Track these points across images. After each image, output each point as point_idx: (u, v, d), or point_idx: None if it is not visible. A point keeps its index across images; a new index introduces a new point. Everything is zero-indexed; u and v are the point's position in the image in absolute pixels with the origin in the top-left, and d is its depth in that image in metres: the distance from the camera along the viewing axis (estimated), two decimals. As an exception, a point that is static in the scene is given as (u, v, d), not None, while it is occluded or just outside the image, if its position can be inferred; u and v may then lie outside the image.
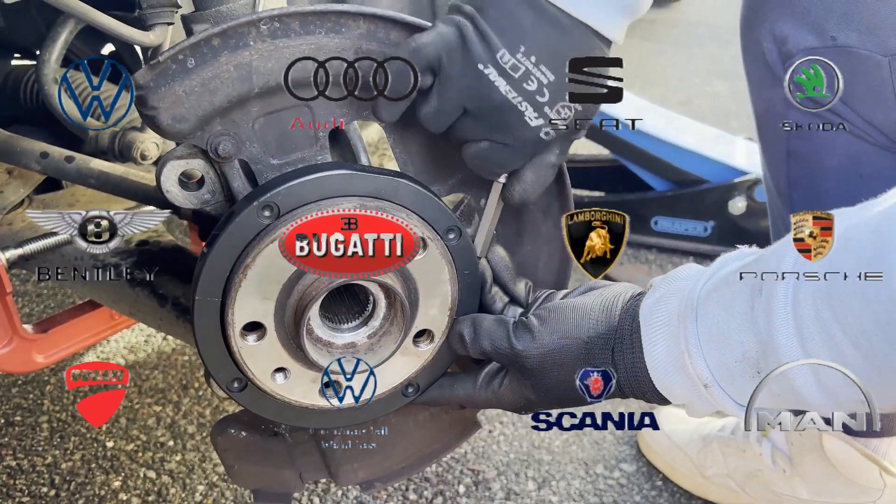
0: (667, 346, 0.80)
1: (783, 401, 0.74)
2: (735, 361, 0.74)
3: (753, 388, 0.74)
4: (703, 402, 0.80)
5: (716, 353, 0.76)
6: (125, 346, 2.03)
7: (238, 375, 0.90)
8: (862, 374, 0.67)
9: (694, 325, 0.77)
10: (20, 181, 1.28)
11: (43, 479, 1.61)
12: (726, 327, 0.75)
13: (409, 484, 1.62)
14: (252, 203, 0.82)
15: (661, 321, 0.81)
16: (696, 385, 0.78)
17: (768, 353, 0.71)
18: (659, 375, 0.82)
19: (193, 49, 0.80)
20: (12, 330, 1.20)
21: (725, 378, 0.76)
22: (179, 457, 1.67)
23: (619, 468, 1.69)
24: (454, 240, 0.90)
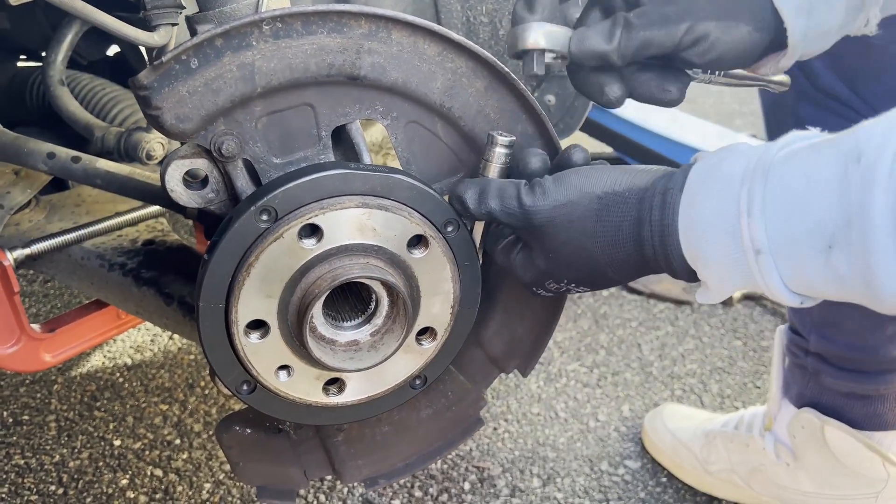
0: (719, 204, 0.73)
1: (843, 285, 0.67)
2: (805, 231, 0.67)
3: (816, 264, 0.67)
4: (738, 276, 0.74)
5: (783, 219, 0.69)
6: (131, 346, 2.04)
7: (247, 378, 0.91)
8: None
9: (762, 186, 0.70)
10: (27, 182, 1.29)
11: (51, 477, 1.63)
12: (804, 193, 0.68)
13: (415, 481, 1.62)
14: (249, 208, 0.82)
15: (719, 181, 0.74)
16: (745, 251, 0.71)
17: (853, 227, 0.64)
18: (696, 237, 0.75)
19: (197, 49, 0.80)
20: (20, 329, 1.21)
21: (784, 248, 0.69)
22: (186, 455, 1.68)
23: (623, 465, 1.70)
24: (452, 232, 0.90)
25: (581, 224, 0.81)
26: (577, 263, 0.83)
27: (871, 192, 0.62)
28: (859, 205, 0.63)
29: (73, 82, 1.32)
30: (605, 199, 0.80)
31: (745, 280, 0.73)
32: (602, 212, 0.80)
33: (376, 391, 0.96)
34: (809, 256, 0.68)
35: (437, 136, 0.93)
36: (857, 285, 0.66)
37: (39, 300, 2.24)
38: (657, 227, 0.78)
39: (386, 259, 0.87)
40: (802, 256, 0.68)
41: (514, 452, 1.72)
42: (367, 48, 0.86)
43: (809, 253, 0.67)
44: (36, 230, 1.30)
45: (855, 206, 0.63)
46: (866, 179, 0.63)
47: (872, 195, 0.62)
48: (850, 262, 0.65)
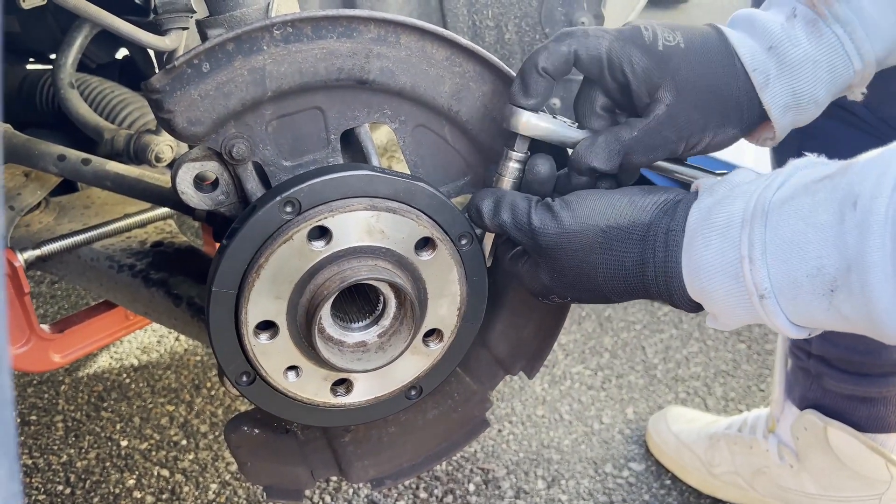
0: (721, 248, 0.74)
1: (849, 323, 0.69)
2: (806, 275, 0.69)
3: (820, 306, 0.69)
4: (744, 314, 0.75)
5: (784, 264, 0.70)
6: (138, 347, 2.05)
7: (247, 369, 0.91)
8: None
9: (762, 232, 0.72)
10: (37, 183, 1.30)
11: (58, 477, 1.64)
12: (803, 238, 0.69)
13: (420, 482, 1.63)
14: (275, 198, 0.83)
15: (720, 224, 0.75)
16: (749, 294, 0.73)
17: (853, 272, 0.65)
18: (701, 279, 0.77)
19: (208, 54, 0.81)
20: (30, 330, 1.22)
21: (787, 291, 0.71)
22: (192, 455, 1.69)
23: (627, 467, 1.70)
24: (466, 245, 0.92)
25: (584, 254, 0.83)
26: (580, 286, 0.86)
27: (867, 239, 0.64)
28: (857, 251, 0.65)
29: (83, 85, 1.34)
30: (609, 232, 0.82)
31: (752, 317, 0.75)
32: (605, 245, 0.82)
33: (384, 392, 0.97)
34: (813, 299, 0.69)
35: (445, 139, 0.94)
36: (862, 324, 0.68)
37: (47, 301, 2.25)
38: (661, 268, 0.80)
39: (394, 261, 0.88)
40: (806, 299, 0.70)
41: (519, 454, 1.73)
42: (376, 52, 0.87)
43: (812, 296, 0.69)
44: (46, 231, 1.31)
45: (853, 252, 0.65)
46: (863, 226, 0.64)
47: (869, 242, 0.64)
48: (853, 305, 0.66)
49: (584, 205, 0.84)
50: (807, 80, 0.85)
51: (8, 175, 1.29)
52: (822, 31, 0.84)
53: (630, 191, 0.85)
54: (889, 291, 0.63)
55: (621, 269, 0.82)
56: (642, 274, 0.81)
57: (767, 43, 0.85)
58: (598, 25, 1.28)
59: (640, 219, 0.81)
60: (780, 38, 0.84)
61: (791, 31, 0.85)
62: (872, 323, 0.66)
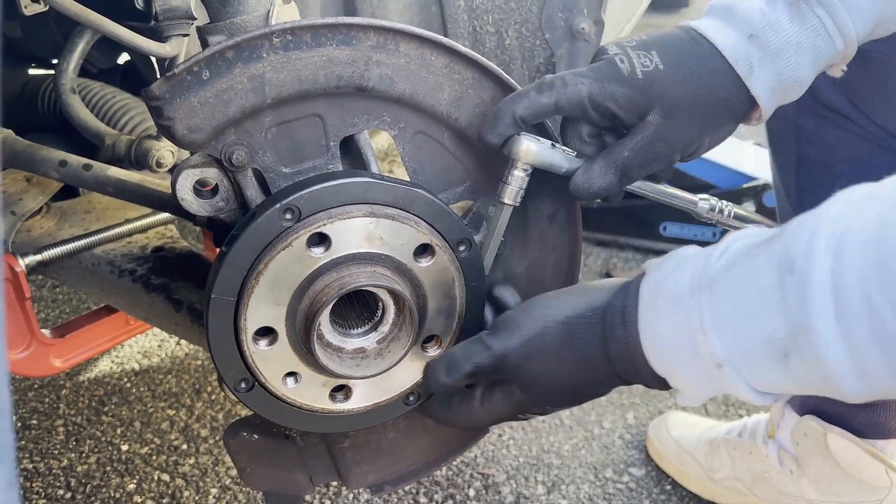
0: (674, 322, 0.74)
1: (810, 386, 0.68)
2: (758, 343, 0.68)
3: (777, 372, 0.68)
4: (708, 385, 0.75)
5: (735, 332, 0.70)
6: (139, 351, 2.05)
7: (246, 376, 0.91)
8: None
9: (709, 301, 0.72)
10: (38, 189, 1.31)
11: (59, 481, 1.64)
12: (749, 305, 0.69)
13: (420, 487, 1.63)
14: (275, 205, 0.84)
15: (669, 296, 0.75)
16: (707, 365, 0.73)
17: (800, 337, 0.65)
18: (660, 354, 0.77)
19: (208, 61, 0.82)
20: (31, 334, 1.22)
21: (743, 359, 0.71)
22: (193, 460, 1.69)
23: (628, 472, 1.70)
24: (465, 251, 0.92)
25: (552, 352, 0.83)
26: (555, 389, 0.86)
27: (808, 304, 0.64)
28: (801, 315, 0.65)
29: (85, 90, 1.34)
30: (569, 323, 0.83)
31: (714, 388, 0.75)
32: (569, 336, 0.83)
33: (383, 398, 0.97)
34: (769, 364, 0.69)
35: (445, 146, 0.95)
36: (821, 386, 0.67)
37: (48, 305, 2.26)
38: (622, 346, 0.80)
39: (393, 268, 0.88)
40: (763, 365, 0.70)
41: (519, 459, 1.73)
42: (375, 60, 0.87)
43: (768, 361, 0.69)
44: (47, 236, 1.31)
45: (797, 316, 0.65)
46: (801, 291, 0.64)
47: (810, 306, 0.64)
48: (808, 368, 0.66)
49: (539, 305, 0.86)
50: (791, 64, 0.86)
51: (9, 180, 1.30)
52: (804, 13, 0.85)
53: (578, 286, 0.88)
54: (839, 354, 0.63)
55: (587, 355, 0.82)
56: (607, 356, 0.81)
57: (748, 31, 0.85)
58: (598, 31, 1.28)
59: (595, 303, 0.83)
60: (760, 25, 0.85)
61: (772, 16, 0.85)
62: (829, 385, 0.66)
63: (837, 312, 0.62)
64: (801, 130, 1.20)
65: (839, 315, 0.62)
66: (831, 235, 0.64)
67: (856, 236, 0.62)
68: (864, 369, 0.63)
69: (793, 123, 1.21)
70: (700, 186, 2.45)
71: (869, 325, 0.61)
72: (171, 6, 1.07)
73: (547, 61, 1.39)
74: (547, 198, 1.01)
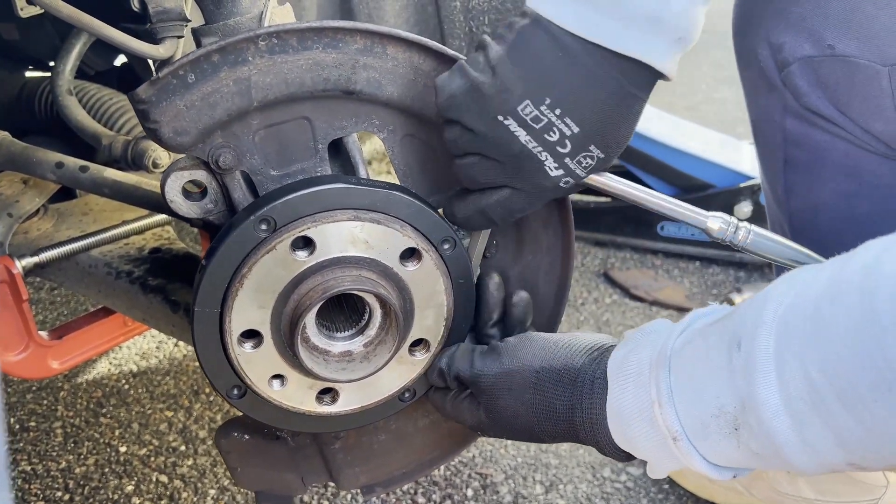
0: (635, 395, 0.78)
1: (762, 460, 0.72)
2: (711, 416, 0.72)
3: (730, 445, 0.72)
4: (668, 458, 0.78)
5: (689, 406, 0.74)
6: (137, 353, 2.05)
7: (237, 382, 0.92)
8: (855, 438, 0.64)
9: (667, 377, 0.76)
10: (35, 191, 1.31)
11: (57, 483, 1.64)
12: (701, 381, 0.73)
13: (418, 487, 1.63)
14: (249, 217, 0.84)
15: (632, 372, 0.79)
16: (665, 438, 0.76)
17: (748, 409, 0.68)
18: (623, 426, 0.80)
19: (193, 65, 0.82)
20: (28, 336, 1.22)
21: (699, 433, 0.74)
22: (191, 461, 1.69)
23: (625, 472, 1.70)
24: (449, 250, 0.92)
25: (518, 393, 0.88)
26: (513, 425, 0.91)
27: (754, 378, 0.67)
28: (747, 390, 0.68)
29: (81, 92, 1.34)
30: (541, 373, 0.87)
31: (674, 461, 0.78)
32: (538, 385, 0.87)
33: (369, 401, 0.97)
34: (721, 438, 0.72)
35: (434, 149, 0.95)
36: (773, 460, 0.70)
37: (46, 307, 2.26)
38: (588, 415, 0.84)
39: (378, 271, 0.88)
40: (715, 438, 0.73)
41: (517, 459, 1.73)
42: (362, 63, 0.87)
43: (720, 435, 0.72)
44: (44, 238, 1.32)
45: (744, 391, 0.68)
46: (747, 367, 0.68)
47: (756, 380, 0.67)
48: (758, 442, 0.69)
49: (523, 346, 0.91)
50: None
51: (6, 182, 1.30)
52: None
53: (570, 335, 0.91)
54: (784, 425, 0.66)
55: (552, 411, 0.87)
56: (571, 419, 0.86)
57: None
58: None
59: (572, 363, 0.86)
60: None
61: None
62: (780, 457, 0.69)
63: (780, 386, 0.66)
64: (786, 133, 1.20)
65: (782, 388, 0.66)
66: (775, 313, 0.68)
67: (796, 314, 0.66)
68: (807, 440, 0.66)
69: (778, 126, 1.21)
70: (697, 186, 2.45)
71: (808, 397, 0.65)
72: (164, 8, 1.07)
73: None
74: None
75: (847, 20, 1.05)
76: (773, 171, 1.27)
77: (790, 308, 0.67)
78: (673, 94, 4.14)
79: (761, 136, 1.29)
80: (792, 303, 0.67)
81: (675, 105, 3.90)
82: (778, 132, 1.21)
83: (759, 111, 1.24)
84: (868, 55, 1.04)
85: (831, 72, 1.07)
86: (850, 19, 1.05)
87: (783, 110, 1.16)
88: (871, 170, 1.13)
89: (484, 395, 0.91)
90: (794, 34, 1.09)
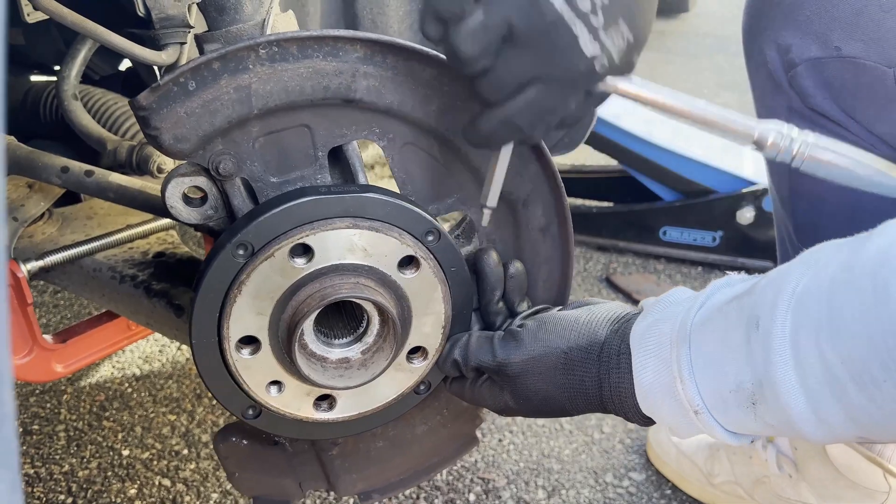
0: (657, 370, 0.81)
1: (779, 431, 0.75)
2: (730, 391, 0.75)
3: (748, 417, 0.75)
4: (691, 426, 0.82)
5: (709, 381, 0.77)
6: (140, 356, 2.06)
7: (252, 404, 0.93)
8: (866, 415, 0.67)
9: (687, 353, 0.78)
10: (41, 195, 1.31)
11: (60, 486, 1.64)
12: (721, 358, 0.76)
13: (420, 492, 1.64)
14: (226, 244, 0.85)
15: (652, 346, 0.82)
16: (686, 410, 0.79)
17: (765, 387, 0.71)
18: (647, 398, 0.83)
19: (194, 72, 0.82)
20: (33, 340, 1.23)
21: (718, 406, 0.77)
22: (194, 465, 1.70)
23: (628, 477, 1.70)
24: (433, 242, 0.92)
25: (549, 376, 0.90)
26: (543, 407, 0.93)
27: (771, 357, 0.70)
28: (765, 369, 0.71)
29: (86, 97, 1.35)
30: (570, 353, 0.89)
31: (697, 429, 0.81)
32: (568, 366, 0.89)
33: (367, 408, 0.98)
34: (740, 412, 0.76)
35: (434, 157, 0.95)
36: (787, 431, 0.73)
37: (50, 311, 2.26)
38: (616, 389, 0.86)
39: (376, 279, 0.88)
40: (734, 412, 0.76)
41: (519, 464, 1.73)
42: (362, 72, 0.87)
43: (739, 409, 0.75)
44: (49, 242, 1.32)
45: (761, 369, 0.71)
46: (765, 345, 0.71)
47: (773, 359, 0.70)
48: (774, 415, 0.72)
49: (545, 328, 0.91)
50: None
51: (11, 186, 1.31)
52: None
53: (587, 309, 0.92)
54: (800, 402, 0.69)
55: (583, 388, 0.89)
56: (600, 393, 0.88)
57: None
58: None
59: (596, 337, 0.88)
60: None
61: None
62: (794, 430, 0.72)
63: (796, 365, 0.68)
64: None
65: (798, 367, 0.68)
66: (792, 294, 0.70)
67: (811, 295, 0.69)
68: (821, 416, 0.69)
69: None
70: (699, 191, 2.45)
71: (822, 377, 0.67)
72: (167, 14, 1.08)
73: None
74: (539, 210, 1.01)
75: (853, 23, 1.06)
76: (780, 174, 1.28)
77: (806, 289, 0.69)
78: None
79: None
80: (808, 284, 0.69)
81: (678, 110, 3.90)
82: None
83: (766, 112, 1.25)
84: (874, 57, 1.05)
85: (837, 73, 1.08)
86: (856, 22, 1.06)
87: (788, 111, 1.17)
88: None
89: (513, 382, 0.92)
90: (802, 36, 1.10)
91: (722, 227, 2.44)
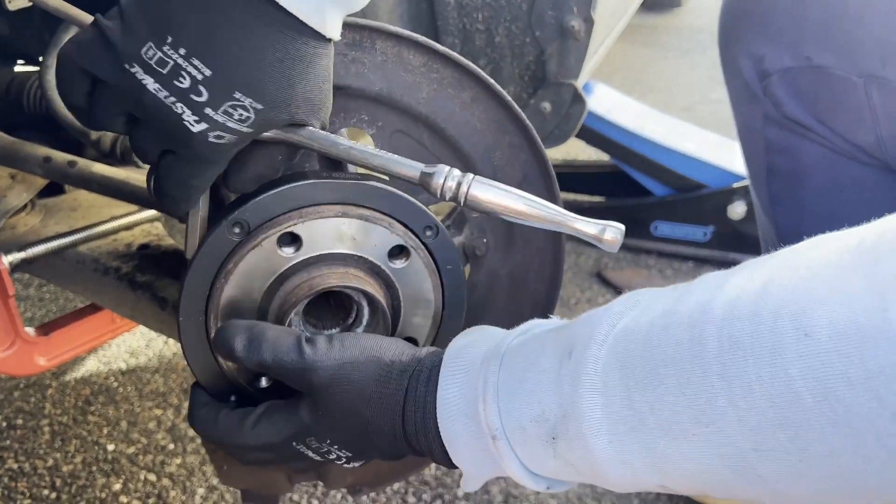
0: (462, 387, 0.74)
1: (579, 473, 0.68)
2: (531, 420, 0.69)
3: (547, 454, 0.69)
4: (487, 459, 0.74)
5: (512, 406, 0.71)
6: (126, 350, 2.04)
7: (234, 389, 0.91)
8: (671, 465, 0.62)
9: (496, 372, 0.73)
10: (23, 186, 1.30)
11: (44, 481, 1.63)
12: (528, 382, 0.70)
13: (408, 487, 1.62)
14: (222, 221, 0.83)
15: (465, 362, 0.76)
16: (485, 435, 0.72)
17: (569, 418, 0.66)
18: (447, 418, 0.75)
19: None
20: (15, 333, 1.21)
21: (518, 436, 0.71)
22: (180, 460, 1.68)
23: (617, 472, 1.70)
24: (431, 237, 0.90)
25: (360, 385, 0.78)
26: (346, 426, 0.80)
27: (579, 388, 0.65)
28: (571, 400, 0.66)
29: (70, 87, 1.33)
30: (390, 366, 0.79)
31: (493, 465, 0.74)
32: (383, 377, 0.78)
33: None
34: (538, 445, 0.69)
35: (424, 145, 0.94)
36: (589, 474, 0.67)
37: (35, 304, 2.24)
38: (420, 403, 0.77)
39: (366, 268, 0.87)
40: (533, 444, 0.70)
41: (508, 459, 1.72)
42: (351, 58, 0.86)
43: (538, 442, 0.69)
44: (32, 234, 1.30)
45: (568, 400, 0.66)
46: (574, 377, 0.66)
47: (580, 391, 0.65)
48: (576, 454, 0.67)
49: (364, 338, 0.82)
50: None
51: (-7, 177, 1.29)
52: None
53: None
54: (603, 440, 0.64)
55: (393, 404, 0.78)
56: (403, 409, 0.77)
57: None
58: (588, 29, 1.28)
59: (419, 353, 0.81)
60: None
61: None
62: (596, 471, 0.66)
63: (604, 403, 0.64)
64: (768, 142, 1.21)
65: (605, 406, 0.64)
66: (610, 330, 0.66)
67: (629, 336, 0.65)
68: (626, 460, 0.64)
69: (760, 135, 1.22)
70: (691, 186, 2.45)
71: (629, 422, 0.63)
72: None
73: (537, 59, 1.39)
74: None
75: (824, 33, 1.07)
76: (758, 178, 1.29)
77: (625, 328, 0.66)
78: (669, 94, 4.15)
79: (745, 144, 1.32)
80: (628, 324, 0.66)
81: (672, 105, 3.91)
82: (760, 141, 1.23)
83: (743, 120, 1.27)
84: (845, 67, 1.06)
85: (810, 82, 1.09)
86: (826, 32, 1.07)
87: (764, 119, 1.18)
88: (852, 176, 1.14)
89: (316, 389, 0.78)
90: (774, 46, 1.12)
91: (713, 222, 2.44)
